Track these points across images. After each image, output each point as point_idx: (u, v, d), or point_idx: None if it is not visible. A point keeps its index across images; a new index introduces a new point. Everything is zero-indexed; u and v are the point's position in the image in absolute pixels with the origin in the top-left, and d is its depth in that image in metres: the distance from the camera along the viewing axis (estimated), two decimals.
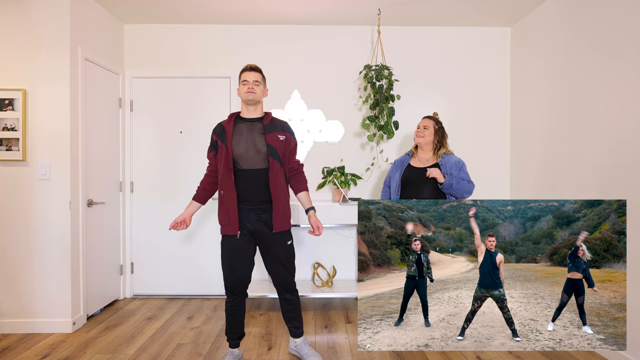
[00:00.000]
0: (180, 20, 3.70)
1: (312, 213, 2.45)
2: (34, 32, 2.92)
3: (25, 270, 2.95)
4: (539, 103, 3.34)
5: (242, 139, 2.34)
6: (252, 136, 2.34)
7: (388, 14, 3.54)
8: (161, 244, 3.80)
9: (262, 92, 2.42)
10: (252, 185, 2.32)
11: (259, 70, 2.41)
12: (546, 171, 3.22)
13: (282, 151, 2.38)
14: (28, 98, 2.93)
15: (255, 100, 2.37)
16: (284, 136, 2.41)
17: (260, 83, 2.38)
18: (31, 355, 2.58)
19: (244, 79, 2.38)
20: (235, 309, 2.42)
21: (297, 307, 2.54)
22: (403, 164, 2.93)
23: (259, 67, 2.44)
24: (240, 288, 2.39)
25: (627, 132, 2.43)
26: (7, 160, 2.91)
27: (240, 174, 2.32)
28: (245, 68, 2.41)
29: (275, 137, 2.36)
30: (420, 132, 2.87)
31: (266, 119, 2.41)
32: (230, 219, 2.32)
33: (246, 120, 2.40)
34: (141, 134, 3.80)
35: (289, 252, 2.45)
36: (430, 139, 2.85)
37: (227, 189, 2.31)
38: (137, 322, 3.17)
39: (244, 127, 2.37)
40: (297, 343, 2.56)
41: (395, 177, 2.91)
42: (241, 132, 2.36)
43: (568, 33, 2.97)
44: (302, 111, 3.78)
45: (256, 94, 2.36)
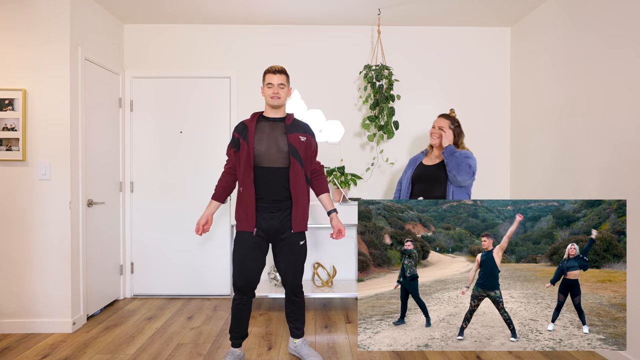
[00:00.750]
0: (180, 20, 3.70)
1: (335, 215, 2.45)
2: (34, 32, 2.92)
3: (25, 270, 2.94)
4: (539, 103, 3.34)
5: (264, 137, 2.34)
6: (274, 135, 2.35)
7: (388, 14, 3.54)
8: (161, 244, 3.80)
9: (287, 94, 2.41)
10: (271, 183, 2.32)
11: (284, 72, 2.38)
12: (546, 171, 3.22)
13: (303, 152, 2.39)
14: (28, 98, 2.93)
15: (281, 104, 2.38)
16: (305, 137, 2.41)
17: (285, 85, 2.37)
18: (31, 355, 2.58)
19: (268, 82, 2.35)
20: (241, 308, 2.40)
21: (302, 308, 2.54)
22: (415, 162, 2.89)
23: (283, 67, 2.39)
24: (249, 287, 2.38)
25: (627, 132, 2.43)
26: (7, 160, 2.91)
27: (259, 172, 2.32)
28: (270, 70, 2.37)
29: (297, 138, 2.37)
30: (435, 132, 2.78)
31: (288, 119, 2.42)
32: (247, 216, 2.33)
33: (269, 119, 2.41)
34: (141, 134, 3.80)
35: (302, 252, 2.45)
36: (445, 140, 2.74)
37: (246, 186, 2.32)
38: (137, 322, 3.17)
39: (267, 126, 2.38)
40: (297, 344, 2.56)
41: (407, 174, 2.88)
42: (263, 130, 2.36)
43: (568, 33, 2.97)
44: (302, 111, 3.77)
45: (281, 99, 2.36)
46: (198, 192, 3.78)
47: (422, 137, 3.84)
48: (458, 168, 2.57)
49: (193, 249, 3.81)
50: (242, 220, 2.35)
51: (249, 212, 2.32)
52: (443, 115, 2.82)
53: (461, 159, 2.60)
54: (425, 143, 3.83)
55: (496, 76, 3.84)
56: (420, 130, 3.83)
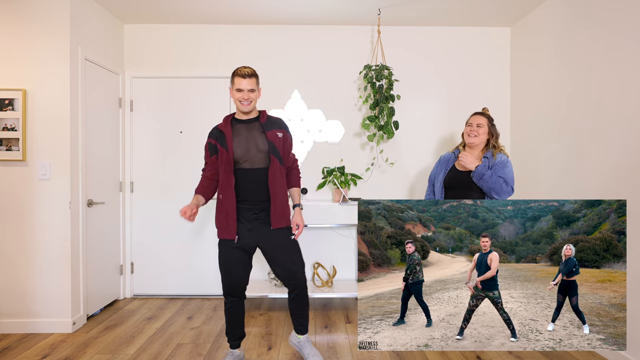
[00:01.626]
0: (180, 20, 3.70)
1: (298, 210, 2.42)
2: (34, 33, 2.92)
3: (25, 270, 2.94)
4: (539, 103, 3.33)
5: (242, 139, 2.31)
6: (252, 135, 2.32)
7: (388, 14, 3.53)
8: (161, 244, 3.80)
9: (257, 96, 2.34)
10: (252, 184, 2.30)
11: (254, 74, 2.29)
12: (546, 171, 3.22)
13: (281, 148, 2.37)
14: (28, 98, 2.93)
15: (251, 109, 2.34)
16: (282, 133, 2.39)
17: (255, 89, 2.30)
18: (31, 355, 2.59)
19: (237, 87, 2.27)
20: (234, 310, 2.40)
21: (305, 302, 2.47)
22: (448, 163, 2.70)
23: (252, 69, 2.30)
24: (238, 290, 2.37)
25: (627, 132, 2.43)
26: (7, 160, 2.91)
27: (240, 174, 2.29)
28: (238, 73, 2.27)
29: (275, 135, 2.35)
30: (473, 130, 2.57)
31: (262, 117, 2.39)
32: (228, 223, 2.29)
33: (243, 121, 2.37)
34: (141, 134, 3.80)
35: (293, 246, 2.40)
36: (484, 139, 2.58)
37: (226, 193, 2.29)
38: (137, 322, 3.17)
39: (242, 128, 2.34)
40: (301, 340, 2.51)
41: (439, 177, 2.69)
42: (240, 133, 2.33)
43: (568, 33, 2.97)
44: (302, 111, 3.78)
45: (251, 104, 2.31)
46: None
47: (422, 137, 3.83)
48: (492, 191, 2.44)
49: (193, 249, 3.81)
50: (223, 227, 2.31)
51: (230, 219, 2.28)
52: (479, 113, 2.63)
53: (493, 180, 2.42)
54: (425, 143, 3.83)
55: (496, 76, 3.84)
56: (420, 130, 3.83)
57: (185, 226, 3.77)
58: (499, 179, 2.43)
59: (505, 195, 2.45)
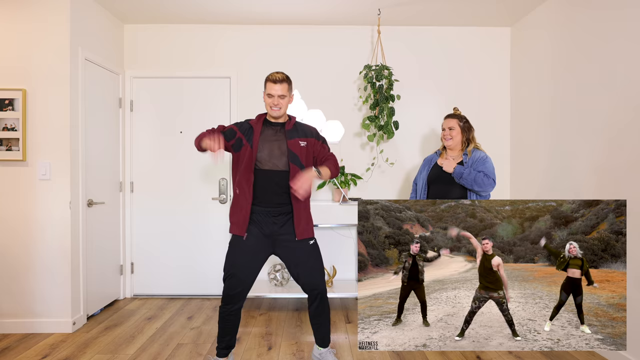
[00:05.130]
0: (181, 20, 3.71)
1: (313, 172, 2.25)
2: (34, 33, 2.93)
3: (25, 270, 2.95)
4: (539, 103, 3.33)
5: (267, 141, 2.30)
6: (277, 139, 2.31)
7: (388, 14, 3.53)
8: (161, 244, 3.80)
9: (288, 102, 2.33)
10: (272, 186, 2.27)
11: (286, 80, 2.28)
12: (546, 171, 3.22)
13: (305, 157, 2.33)
14: (28, 98, 2.93)
15: (281, 115, 2.32)
16: (305, 142, 2.34)
17: (286, 95, 2.28)
18: (31, 355, 2.59)
19: (269, 92, 2.27)
20: (228, 318, 2.30)
21: (326, 311, 2.39)
22: (430, 162, 2.88)
23: (284, 74, 2.29)
24: (239, 296, 2.29)
25: (627, 132, 2.43)
26: (7, 160, 2.92)
27: (260, 174, 2.27)
28: (270, 78, 2.27)
29: (297, 143, 2.31)
30: (447, 134, 2.78)
31: (289, 124, 2.36)
32: (239, 220, 2.28)
33: (272, 124, 2.37)
34: (141, 134, 3.80)
35: (317, 256, 2.38)
36: (459, 140, 2.77)
37: (243, 189, 2.27)
38: (137, 322, 3.17)
39: (270, 131, 2.34)
40: (322, 351, 2.42)
41: (422, 175, 2.87)
42: (267, 135, 2.33)
43: (568, 33, 2.97)
44: (302, 111, 3.77)
45: (281, 110, 2.30)
46: (198, 192, 3.78)
47: (421, 137, 3.83)
48: (474, 184, 2.61)
49: (193, 249, 3.81)
50: (235, 223, 2.31)
51: (243, 215, 2.27)
52: (450, 116, 2.82)
53: (472, 176, 2.60)
54: (425, 143, 3.83)
55: (496, 76, 3.84)
56: (420, 130, 3.83)
57: (185, 226, 3.78)
58: (479, 174, 2.61)
59: (488, 187, 2.62)
